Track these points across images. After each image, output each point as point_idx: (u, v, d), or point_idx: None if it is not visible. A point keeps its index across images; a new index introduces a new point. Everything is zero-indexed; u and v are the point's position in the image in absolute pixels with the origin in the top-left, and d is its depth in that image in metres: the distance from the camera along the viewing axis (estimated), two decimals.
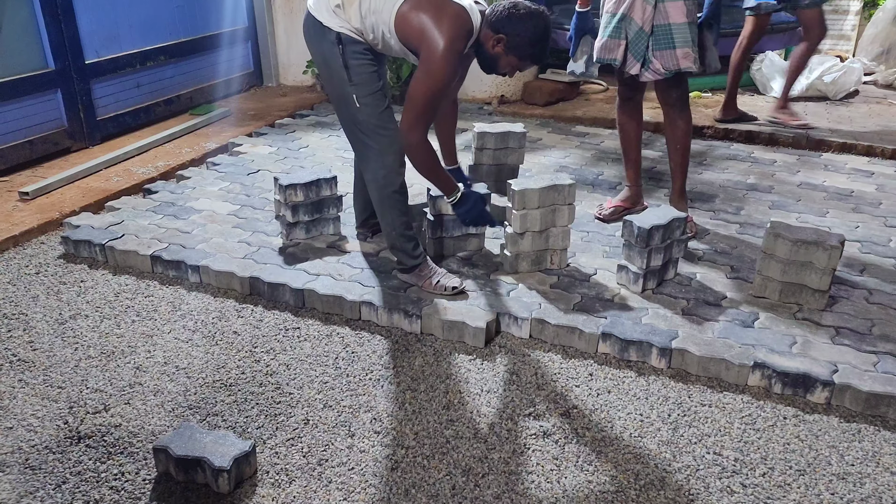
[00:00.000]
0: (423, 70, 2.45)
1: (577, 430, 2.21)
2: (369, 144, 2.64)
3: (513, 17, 2.48)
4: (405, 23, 2.45)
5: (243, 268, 2.96)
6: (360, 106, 2.57)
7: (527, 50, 2.53)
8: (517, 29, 2.48)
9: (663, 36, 3.04)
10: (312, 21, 2.58)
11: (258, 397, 2.35)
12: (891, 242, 3.24)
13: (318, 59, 2.64)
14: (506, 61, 2.57)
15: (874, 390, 2.25)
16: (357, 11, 2.50)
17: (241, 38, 5.55)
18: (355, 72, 2.54)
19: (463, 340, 2.62)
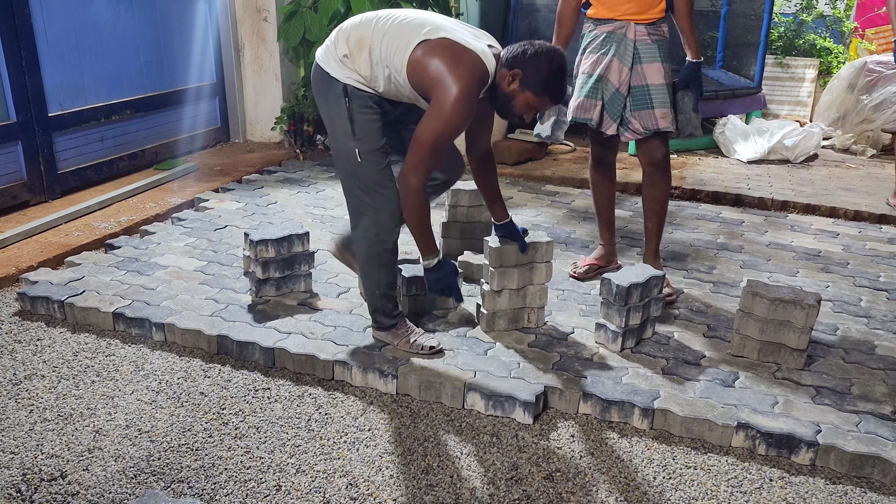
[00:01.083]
0: (433, 113, 2.34)
1: (560, 494, 2.13)
2: (365, 201, 2.56)
3: (527, 52, 2.40)
4: (418, 68, 2.36)
5: (211, 326, 2.86)
6: (361, 161, 2.49)
7: (543, 85, 2.42)
8: (532, 63, 2.39)
9: (641, 97, 3.09)
10: (320, 72, 2.52)
11: (226, 462, 2.23)
12: (861, 302, 3.28)
13: (323, 110, 2.57)
14: (522, 99, 2.43)
15: (858, 451, 2.23)
16: (367, 59, 2.44)
17: (209, 94, 5.52)
18: (360, 126, 2.48)
19: (440, 401, 2.55)
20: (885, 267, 3.72)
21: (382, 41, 2.41)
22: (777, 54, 7.14)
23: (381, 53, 2.41)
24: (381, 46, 2.41)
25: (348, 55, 2.45)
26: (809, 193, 4.79)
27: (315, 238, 3.75)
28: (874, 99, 6.07)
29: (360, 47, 2.44)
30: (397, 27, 2.41)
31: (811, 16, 7.31)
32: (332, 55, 2.48)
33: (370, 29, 2.44)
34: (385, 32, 2.42)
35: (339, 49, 2.47)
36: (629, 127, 3.13)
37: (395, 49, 2.39)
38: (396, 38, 2.39)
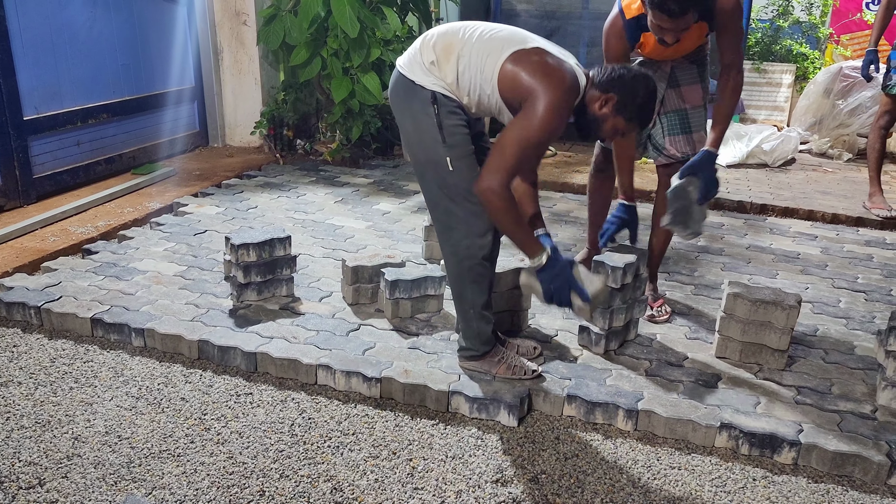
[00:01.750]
0: (522, 119, 2.22)
1: (546, 496, 2.13)
2: (455, 212, 2.41)
3: (624, 77, 2.32)
4: (511, 76, 2.25)
5: (191, 330, 2.83)
6: (452, 169, 2.36)
7: (635, 112, 2.32)
8: (627, 89, 2.29)
9: (679, 121, 3.05)
10: (403, 80, 2.39)
11: (209, 468, 2.20)
12: (840, 303, 3.32)
13: (406, 120, 2.43)
14: (612, 123, 2.34)
15: (840, 450, 2.25)
16: (454, 67, 2.31)
17: (188, 98, 5.47)
18: (449, 132, 2.35)
19: (425, 405, 2.53)
20: (863, 269, 3.76)
21: (472, 49, 2.30)
22: (754, 60, 7.21)
23: (470, 62, 2.30)
24: (470, 55, 2.30)
25: (435, 62, 2.33)
26: (788, 197, 4.84)
27: (296, 242, 3.73)
28: (850, 104, 6.15)
29: (448, 53, 2.32)
30: (487, 38, 2.31)
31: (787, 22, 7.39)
32: (417, 63, 2.37)
33: (458, 38, 2.33)
34: (474, 42, 2.31)
35: (426, 56, 2.35)
36: (663, 151, 3.06)
37: (487, 56, 2.28)
38: (487, 47, 2.29)
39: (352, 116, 5.16)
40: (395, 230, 4.04)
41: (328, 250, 3.71)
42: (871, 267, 3.79)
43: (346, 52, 4.88)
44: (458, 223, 2.42)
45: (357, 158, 5.36)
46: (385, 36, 4.95)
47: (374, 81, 4.94)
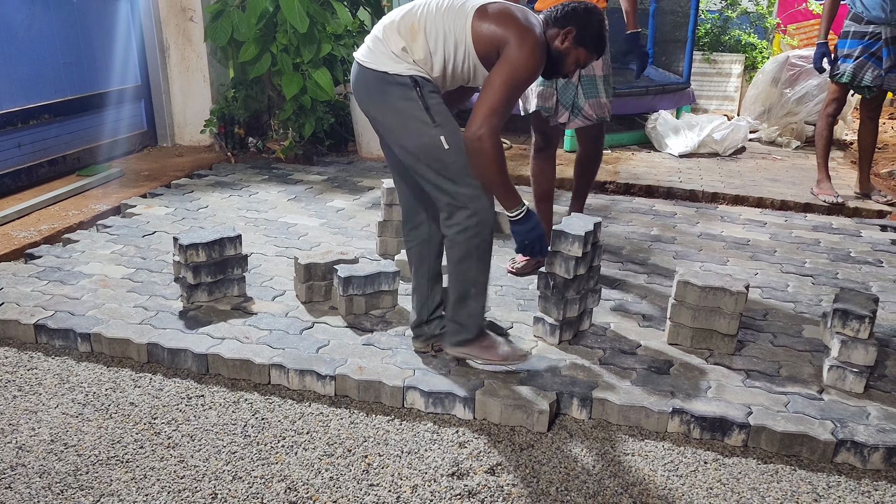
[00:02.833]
0: (505, 60, 2.26)
1: (502, 487, 2.13)
2: (459, 191, 2.37)
3: (577, 10, 2.41)
4: (484, 31, 2.29)
5: (140, 334, 2.77)
6: (448, 147, 2.33)
7: (593, 40, 2.43)
8: (583, 21, 2.40)
9: (591, 86, 3.35)
10: (371, 74, 2.36)
11: (159, 473, 2.15)
12: (788, 287, 3.38)
13: (384, 113, 2.39)
14: (574, 55, 2.43)
15: (788, 430, 2.29)
16: (424, 45, 2.32)
17: (134, 97, 5.34)
18: (436, 111, 2.33)
19: (380, 401, 2.52)
20: (811, 253, 3.84)
21: (436, 22, 2.32)
22: (704, 50, 7.33)
23: (438, 33, 2.31)
24: (435, 27, 2.32)
25: (406, 47, 2.32)
26: (738, 185, 4.92)
27: (249, 241, 3.67)
28: (797, 92, 6.27)
29: (413, 33, 2.32)
30: (446, 7, 2.34)
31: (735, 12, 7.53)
32: (383, 53, 2.34)
33: (417, 15, 2.34)
34: (436, 12, 2.32)
35: (393, 43, 2.33)
36: (581, 113, 3.36)
37: (453, 22, 2.31)
38: (449, 15, 2.32)
39: (304, 113, 5.10)
40: (349, 227, 4.01)
41: (281, 249, 3.66)
42: (818, 251, 3.87)
43: (296, 48, 4.82)
44: (464, 200, 2.38)
45: (310, 155, 5.30)
46: (336, 31, 4.90)
47: (326, 77, 4.89)
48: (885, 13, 4.25)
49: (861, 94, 4.50)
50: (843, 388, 2.52)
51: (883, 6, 4.25)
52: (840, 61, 4.46)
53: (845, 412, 2.40)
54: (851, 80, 4.41)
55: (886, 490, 2.16)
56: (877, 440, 2.25)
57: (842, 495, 2.14)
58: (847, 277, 3.53)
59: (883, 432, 2.29)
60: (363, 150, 5.50)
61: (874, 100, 4.56)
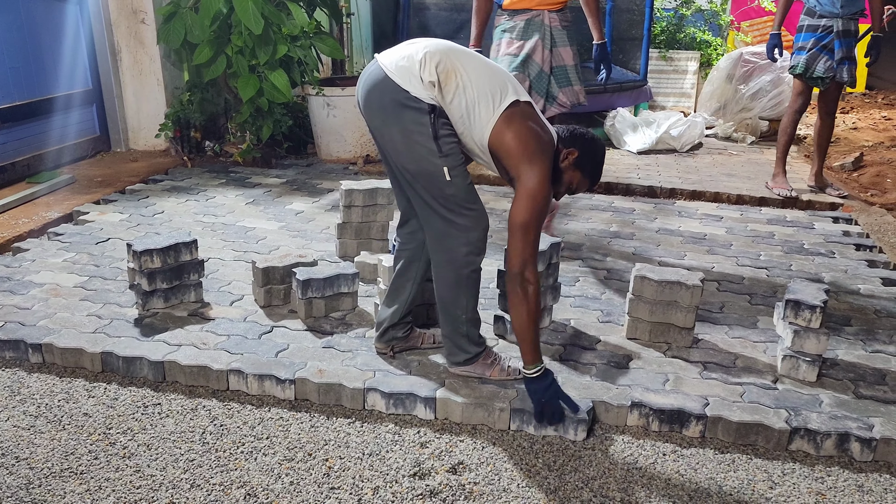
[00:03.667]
0: (528, 195, 2.26)
1: (464, 485, 2.13)
2: (454, 221, 2.36)
3: (585, 136, 2.42)
4: (503, 140, 2.28)
5: (94, 343, 2.71)
6: (450, 179, 2.30)
7: (591, 168, 2.43)
8: (588, 146, 2.41)
9: (563, 76, 3.54)
10: (393, 87, 2.28)
11: (114, 483, 2.11)
12: (744, 280, 3.44)
13: (393, 129, 2.32)
14: (570, 176, 2.42)
15: (743, 420, 2.33)
16: (451, 95, 2.28)
17: (85, 101, 5.23)
18: (445, 142, 2.29)
19: (341, 403, 2.50)
20: (765, 246, 3.91)
21: (471, 86, 2.28)
22: (661, 48, 7.42)
23: (468, 96, 2.28)
24: (466, 92, 2.28)
25: (435, 84, 2.27)
26: (695, 180, 5.00)
27: (206, 246, 3.63)
28: (751, 88, 6.39)
29: (448, 80, 2.27)
30: (483, 80, 2.29)
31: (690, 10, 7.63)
32: (414, 75, 2.27)
33: (460, 66, 2.29)
34: (475, 79, 2.28)
35: (427, 73, 2.26)
36: (556, 101, 3.54)
37: (480, 107, 2.28)
38: (481, 93, 2.28)
39: (261, 115, 5.05)
40: (308, 229, 3.98)
41: (239, 253, 3.62)
42: (773, 244, 3.95)
43: (251, 50, 4.77)
44: (456, 231, 2.37)
45: (269, 158, 5.25)
46: (292, 32, 4.85)
47: (283, 79, 4.84)
48: (835, 7, 4.38)
49: (815, 85, 4.59)
50: (797, 377, 2.57)
51: (833, 1, 4.37)
52: (795, 53, 4.56)
53: (799, 400, 2.45)
54: (805, 71, 4.50)
55: (839, 475, 2.21)
56: (829, 427, 2.30)
57: (796, 482, 2.18)
58: (801, 269, 3.60)
59: (835, 419, 2.34)
60: (322, 152, 5.46)
61: (831, 95, 4.66)
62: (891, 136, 6.74)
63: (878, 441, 2.26)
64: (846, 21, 4.40)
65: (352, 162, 5.36)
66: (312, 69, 5.13)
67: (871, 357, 2.75)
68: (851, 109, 8.13)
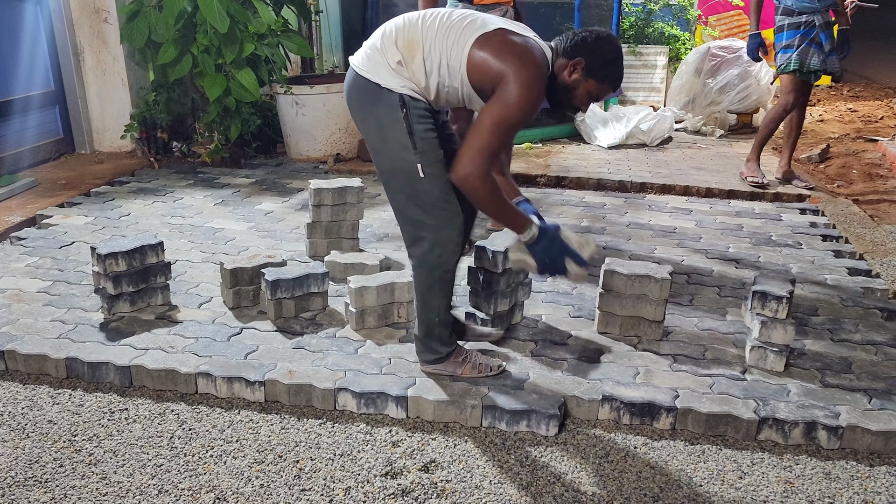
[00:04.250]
0: (498, 98, 2.16)
1: (436, 483, 2.12)
2: (425, 221, 2.32)
3: (587, 40, 2.26)
4: (480, 62, 2.19)
5: (58, 349, 2.66)
6: (424, 176, 2.26)
7: (606, 71, 2.28)
8: (594, 50, 2.25)
9: None
10: (364, 84, 2.27)
11: (80, 491, 2.07)
12: (713, 273, 3.47)
13: (370, 125, 2.31)
14: (584, 88, 2.30)
15: (713, 411, 2.35)
16: (421, 64, 2.22)
17: (47, 103, 5.12)
18: (420, 137, 2.25)
19: (311, 404, 2.48)
20: (734, 238, 3.95)
21: (435, 40, 2.21)
22: (630, 43, 7.45)
23: (434, 55, 2.22)
24: (433, 47, 2.21)
25: (402, 61, 2.22)
26: (665, 174, 5.03)
27: (173, 248, 3.58)
28: (719, 82, 6.44)
29: (412, 50, 2.22)
30: (448, 27, 2.22)
31: (658, 5, 7.67)
32: (381, 63, 2.24)
33: (418, 30, 2.23)
34: (437, 32, 2.22)
35: (390, 55, 2.23)
36: None
37: (451, 47, 2.20)
38: (450, 37, 2.21)
39: (229, 115, 4.99)
40: (278, 230, 3.94)
41: (207, 254, 3.57)
42: (741, 236, 3.99)
43: (217, 49, 4.71)
44: (428, 231, 2.33)
45: (237, 158, 5.19)
46: (258, 30, 4.80)
47: (250, 78, 4.79)
48: (813, 3, 4.47)
49: (809, 80, 4.65)
50: (765, 368, 2.59)
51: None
52: (782, 52, 4.59)
53: (767, 391, 2.47)
54: (800, 67, 4.55)
55: (807, 464, 2.24)
56: (797, 416, 2.32)
57: (765, 471, 2.20)
58: (769, 261, 3.64)
59: (802, 408, 2.37)
60: (292, 151, 5.42)
61: (807, 87, 4.72)
62: (856, 128, 6.84)
63: (844, 429, 2.29)
64: (824, 13, 4.51)
65: (322, 161, 5.32)
66: (280, 68, 5.08)
67: (837, 346, 2.79)
68: (818, 102, 8.24)
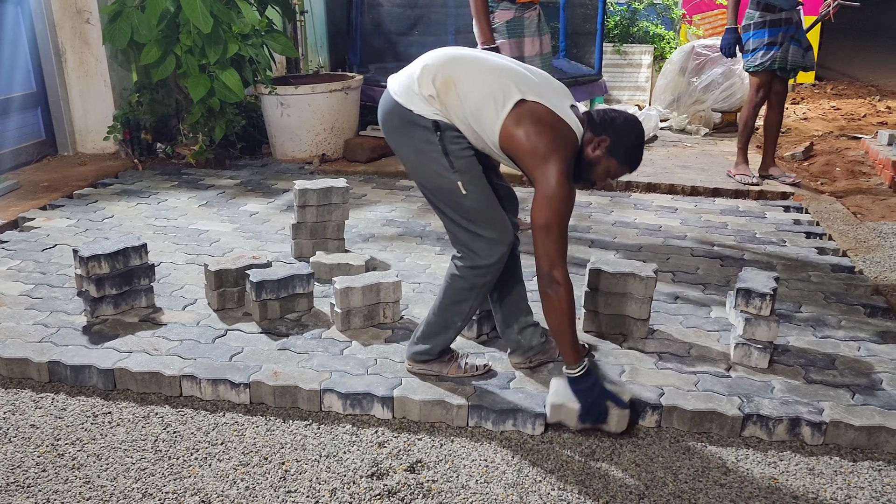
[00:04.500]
0: (544, 198, 2.20)
1: (422, 483, 2.12)
2: (479, 234, 2.34)
3: (616, 120, 2.33)
4: (514, 139, 2.22)
5: (40, 352, 2.63)
6: (466, 193, 2.29)
7: (628, 154, 2.35)
8: (620, 131, 2.32)
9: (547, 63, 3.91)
10: (399, 110, 2.30)
11: (63, 496, 2.06)
12: (698, 270, 3.48)
13: (407, 150, 2.35)
14: (604, 165, 2.34)
15: (698, 408, 2.36)
16: (453, 106, 2.25)
17: (29, 105, 5.07)
18: (456, 157, 2.28)
19: (297, 406, 2.47)
20: (719, 236, 3.97)
21: (471, 88, 2.24)
22: (615, 42, 7.48)
23: (471, 102, 2.24)
24: (469, 95, 2.24)
25: (434, 97, 2.26)
26: (650, 173, 5.05)
27: (157, 250, 3.56)
28: (703, 81, 6.47)
29: (447, 90, 2.25)
30: (485, 81, 2.24)
31: (643, 4, 7.70)
32: (414, 93, 2.28)
33: (458, 72, 2.26)
34: (473, 80, 2.24)
35: (424, 88, 2.26)
36: None
37: (487, 105, 2.22)
38: (484, 94, 2.22)
39: (213, 116, 4.96)
40: (263, 231, 3.92)
41: (192, 256, 3.56)
42: (726, 234, 4.01)
43: (200, 49, 4.68)
44: (482, 244, 2.35)
45: (222, 159, 5.17)
46: (242, 30, 4.77)
47: (234, 78, 4.77)
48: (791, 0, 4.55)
49: (786, 76, 4.71)
50: (749, 365, 2.61)
51: None
52: (764, 50, 4.60)
53: (751, 387, 2.48)
54: (785, 65, 4.61)
55: (791, 459, 2.25)
56: (781, 412, 2.33)
57: (750, 467, 2.21)
58: (753, 258, 3.66)
59: (786, 404, 2.38)
60: (277, 151, 5.40)
61: (784, 84, 4.77)
62: (839, 126, 6.89)
63: (827, 424, 2.30)
64: (798, 10, 4.60)
65: (307, 161, 5.30)
66: (265, 68, 5.06)
67: (820, 342, 2.81)
68: (801, 100, 8.30)
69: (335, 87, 5.26)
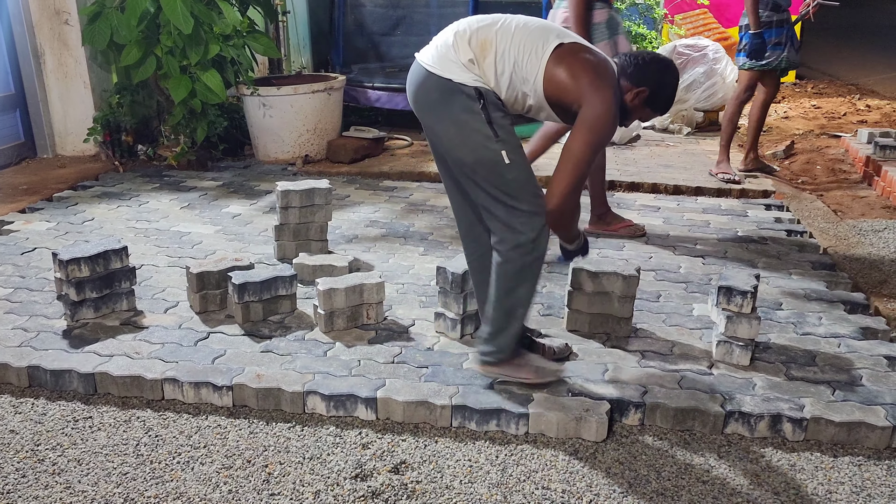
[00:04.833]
0: (585, 125, 2.18)
1: (406, 484, 2.12)
2: (518, 207, 2.27)
3: (654, 68, 2.32)
4: (557, 79, 2.20)
5: (19, 357, 2.61)
6: (509, 163, 2.24)
7: (664, 103, 2.37)
8: (661, 83, 2.33)
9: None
10: (436, 81, 2.25)
11: (43, 501, 2.04)
12: (680, 269, 3.50)
13: (444, 123, 2.28)
14: (639, 113, 2.37)
15: (680, 406, 2.37)
16: (492, 64, 2.22)
17: (7, 106, 5.03)
18: (499, 125, 2.23)
19: (280, 408, 2.46)
20: (701, 234, 3.99)
21: (510, 44, 2.22)
22: None
23: (510, 58, 2.22)
24: (508, 51, 2.22)
25: (474, 60, 2.22)
26: (633, 172, 5.07)
27: (139, 253, 3.53)
28: (685, 80, 6.50)
29: (485, 50, 2.22)
30: (526, 33, 2.24)
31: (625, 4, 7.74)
32: (452, 60, 2.24)
33: (493, 32, 2.24)
34: (512, 36, 2.23)
35: (463, 53, 2.23)
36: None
37: (528, 54, 2.21)
38: (526, 45, 2.22)
39: (195, 117, 4.93)
40: (245, 232, 3.90)
41: (174, 258, 3.53)
42: (708, 233, 4.03)
43: (181, 50, 4.65)
44: (522, 218, 2.29)
45: (204, 161, 5.13)
46: (223, 31, 4.75)
47: (216, 79, 4.74)
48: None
49: (783, 75, 4.79)
50: (731, 362, 2.62)
51: None
52: (770, 49, 4.64)
53: (733, 385, 2.50)
54: (788, 65, 4.68)
55: (773, 456, 2.27)
56: (762, 409, 2.35)
57: (732, 464, 2.22)
58: (735, 256, 3.68)
59: (768, 401, 2.40)
60: (260, 153, 5.37)
61: (778, 81, 4.84)
62: (820, 125, 6.95)
63: (808, 421, 2.32)
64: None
65: (290, 162, 5.28)
66: (247, 69, 5.03)
67: (801, 339, 2.83)
68: (783, 99, 8.36)
69: (318, 88, 5.25)
